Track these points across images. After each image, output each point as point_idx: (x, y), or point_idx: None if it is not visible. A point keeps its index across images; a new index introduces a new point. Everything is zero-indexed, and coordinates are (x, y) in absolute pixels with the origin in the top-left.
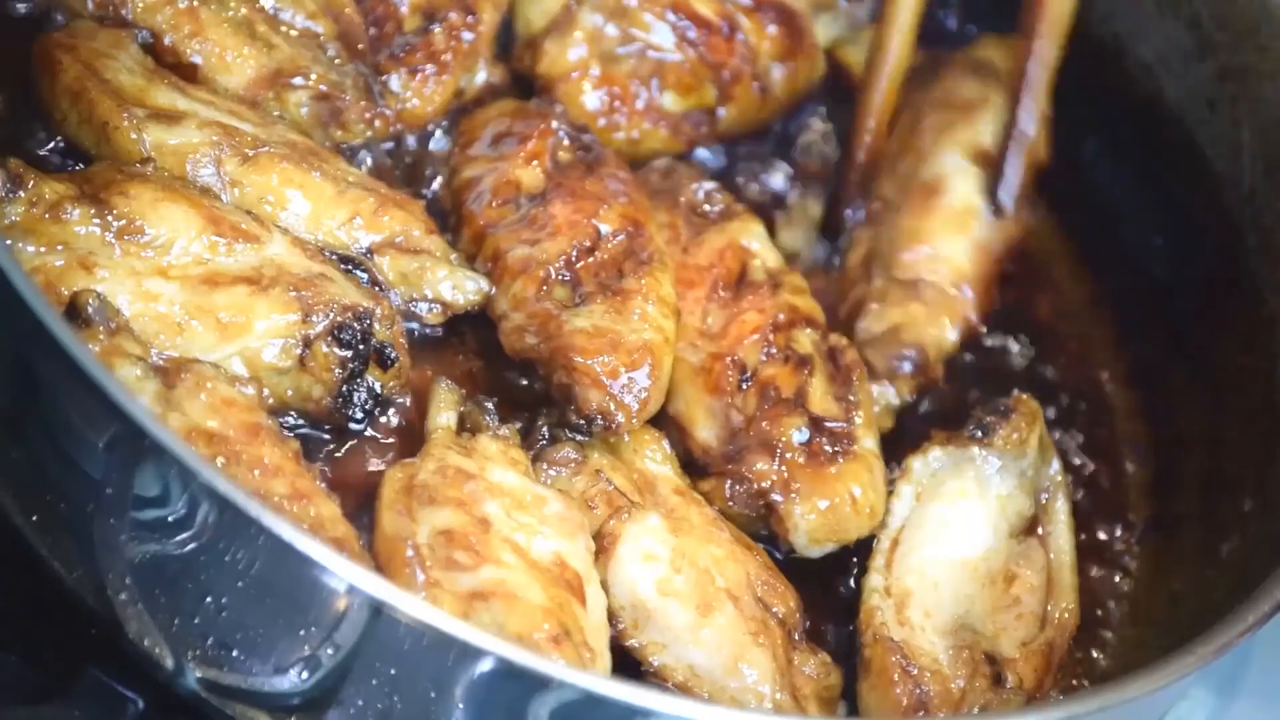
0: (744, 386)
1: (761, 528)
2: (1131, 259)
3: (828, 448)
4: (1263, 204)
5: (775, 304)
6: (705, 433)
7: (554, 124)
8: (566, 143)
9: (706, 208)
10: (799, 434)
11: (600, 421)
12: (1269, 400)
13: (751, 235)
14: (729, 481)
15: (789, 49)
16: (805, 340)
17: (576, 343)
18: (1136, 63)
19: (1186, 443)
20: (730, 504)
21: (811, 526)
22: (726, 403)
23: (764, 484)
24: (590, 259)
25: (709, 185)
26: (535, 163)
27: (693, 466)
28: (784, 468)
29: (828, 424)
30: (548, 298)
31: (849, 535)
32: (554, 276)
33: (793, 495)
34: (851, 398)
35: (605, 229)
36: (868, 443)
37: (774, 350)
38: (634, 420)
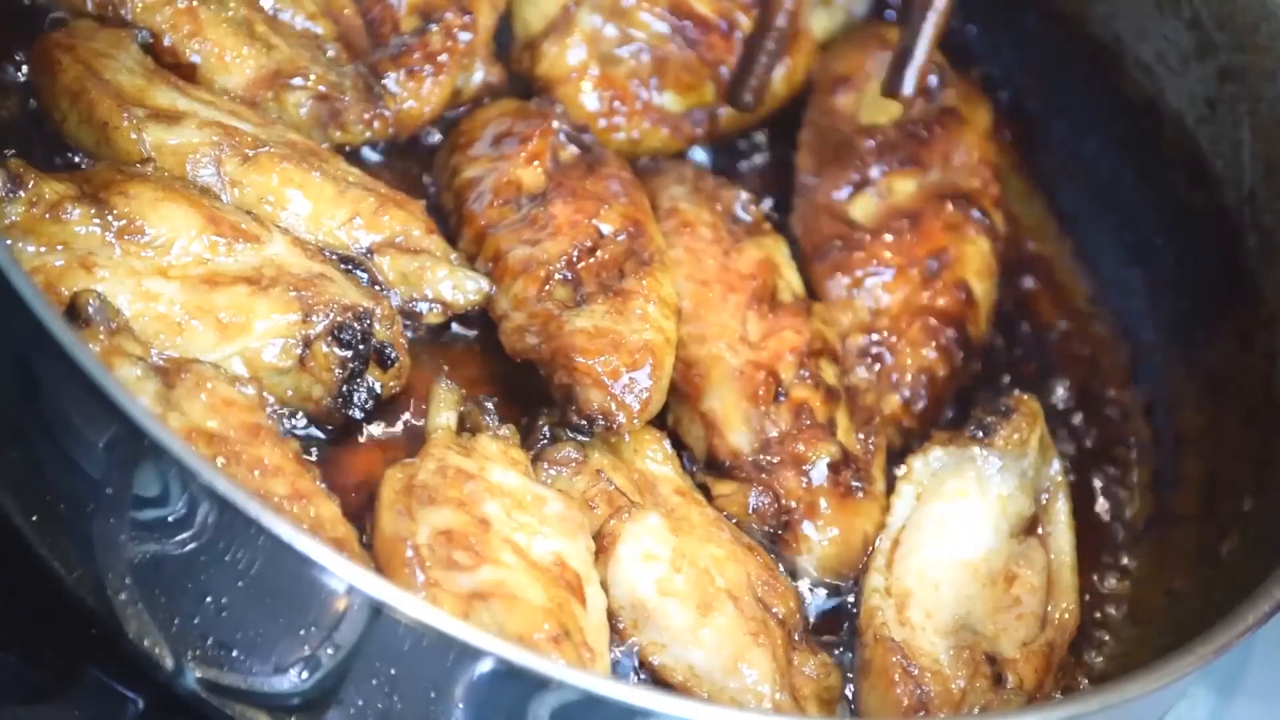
0: (779, 401)
1: (765, 541)
2: (1131, 259)
3: (852, 482)
4: (1263, 204)
5: (810, 329)
6: (738, 437)
7: (554, 124)
8: (567, 143)
9: (741, 216)
10: (829, 461)
11: (601, 422)
12: (1269, 400)
13: (782, 255)
14: (755, 490)
15: (786, 45)
16: (830, 373)
17: (578, 343)
18: (1136, 63)
19: (1186, 443)
20: (750, 513)
21: (825, 554)
22: (762, 413)
23: (792, 502)
24: (591, 259)
25: (745, 195)
26: (536, 162)
27: (713, 466)
28: (814, 491)
29: (852, 459)
30: (549, 298)
31: (850, 572)
32: (555, 276)
33: (818, 520)
34: (870, 440)
35: (606, 229)
36: (881, 486)
37: (807, 374)
38: (635, 420)
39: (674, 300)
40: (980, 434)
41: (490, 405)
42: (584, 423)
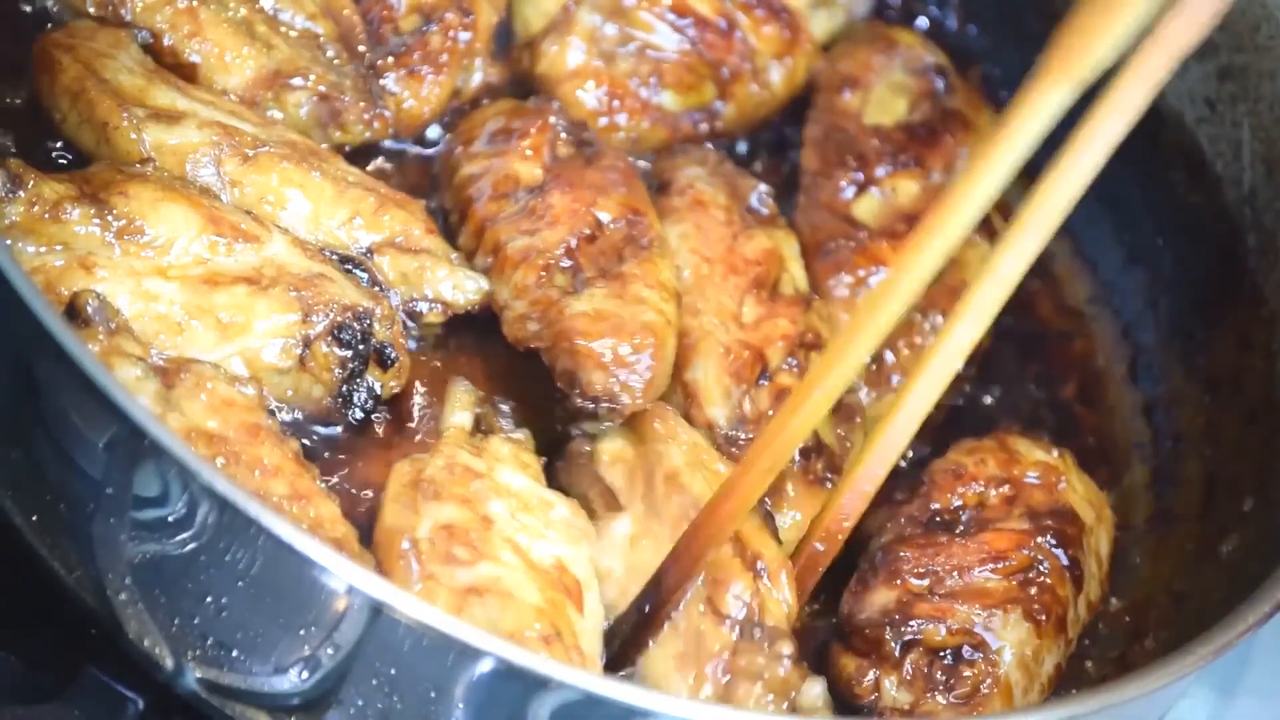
0: (761, 383)
1: None
2: (1131, 259)
3: (824, 473)
4: (1263, 204)
5: (805, 321)
6: (716, 410)
7: (552, 119)
8: (565, 136)
9: (756, 207)
10: (801, 446)
11: (606, 404)
12: (1269, 400)
13: (790, 250)
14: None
15: (786, 46)
16: None
17: (579, 326)
18: None
19: (1186, 443)
20: None
21: (785, 538)
22: (743, 390)
23: None
24: (590, 246)
25: (763, 188)
26: (533, 156)
27: None
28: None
29: (827, 450)
30: (549, 284)
31: None
32: (554, 264)
33: (781, 502)
34: (844, 434)
35: (605, 217)
36: None
37: (795, 363)
38: (639, 400)
39: (673, 285)
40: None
41: (506, 409)
42: (589, 405)
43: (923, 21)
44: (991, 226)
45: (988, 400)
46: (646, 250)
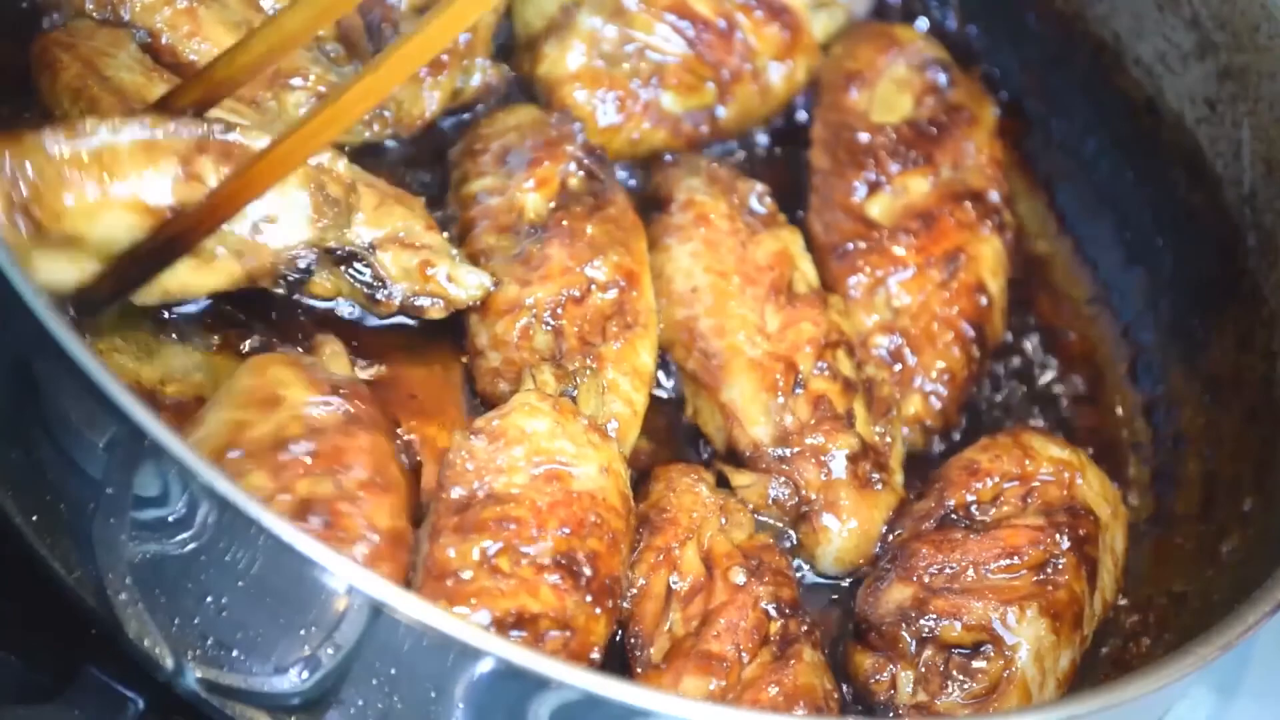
0: (796, 392)
1: (784, 535)
2: (1131, 259)
3: (871, 474)
4: (1263, 204)
5: (827, 321)
6: (759, 429)
7: (569, 148)
8: (578, 171)
9: (756, 208)
10: (848, 453)
11: None
12: (1269, 400)
13: (797, 246)
14: (775, 481)
15: (787, 46)
16: (847, 365)
17: None
18: (1136, 62)
19: (1186, 443)
20: (770, 503)
21: (843, 546)
22: (781, 404)
23: (812, 494)
24: (578, 308)
25: (760, 187)
26: (544, 189)
27: (732, 457)
28: (833, 483)
29: (871, 450)
30: (527, 345)
31: (864, 563)
32: (537, 323)
33: (838, 513)
34: (884, 431)
35: (598, 279)
36: (899, 478)
37: (825, 366)
38: None
39: (647, 370)
40: None
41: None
42: None
43: (923, 22)
44: (1000, 219)
45: (988, 400)
46: (630, 329)
